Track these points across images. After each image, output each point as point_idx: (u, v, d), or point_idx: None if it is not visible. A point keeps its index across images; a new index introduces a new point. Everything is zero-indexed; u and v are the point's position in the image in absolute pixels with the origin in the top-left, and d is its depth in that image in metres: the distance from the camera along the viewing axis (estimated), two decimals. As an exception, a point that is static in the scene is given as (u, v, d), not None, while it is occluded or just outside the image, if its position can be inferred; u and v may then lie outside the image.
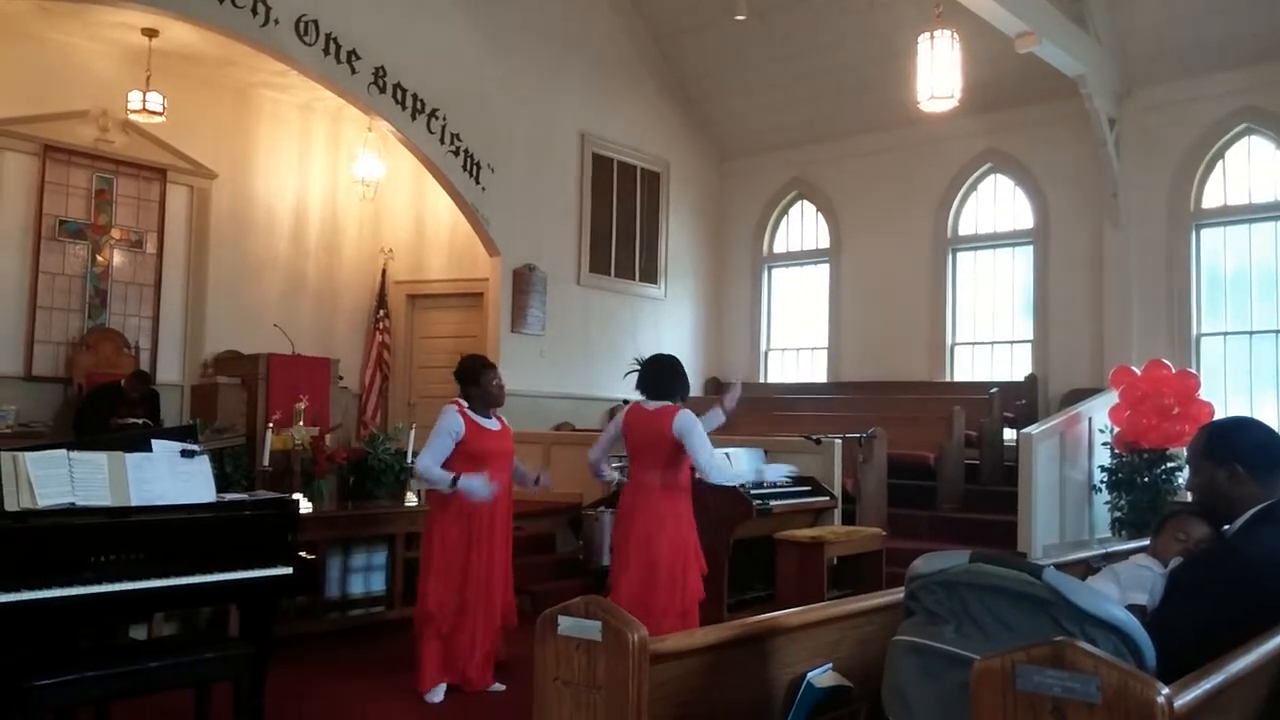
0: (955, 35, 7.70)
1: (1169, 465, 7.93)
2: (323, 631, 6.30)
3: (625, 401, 8.25)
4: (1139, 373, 8.17)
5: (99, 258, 9.65)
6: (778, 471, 5.95)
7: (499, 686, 5.30)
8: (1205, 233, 9.70)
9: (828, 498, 7.60)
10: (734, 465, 7.30)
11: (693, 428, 4.84)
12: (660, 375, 5.08)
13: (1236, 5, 8.90)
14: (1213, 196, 9.66)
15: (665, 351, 5.42)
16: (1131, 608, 2.28)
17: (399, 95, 9.19)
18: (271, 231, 10.89)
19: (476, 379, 5.30)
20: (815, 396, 11.20)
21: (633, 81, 11.65)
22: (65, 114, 9.36)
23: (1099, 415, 8.45)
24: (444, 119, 9.55)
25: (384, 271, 11.41)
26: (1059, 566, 2.09)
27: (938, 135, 10.79)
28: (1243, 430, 2.69)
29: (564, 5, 10.88)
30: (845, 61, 10.86)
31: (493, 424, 5.32)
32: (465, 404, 5.26)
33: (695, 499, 7.18)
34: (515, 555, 5.57)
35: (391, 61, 9.11)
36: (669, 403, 4.98)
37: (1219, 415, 7.91)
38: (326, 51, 8.64)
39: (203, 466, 4.00)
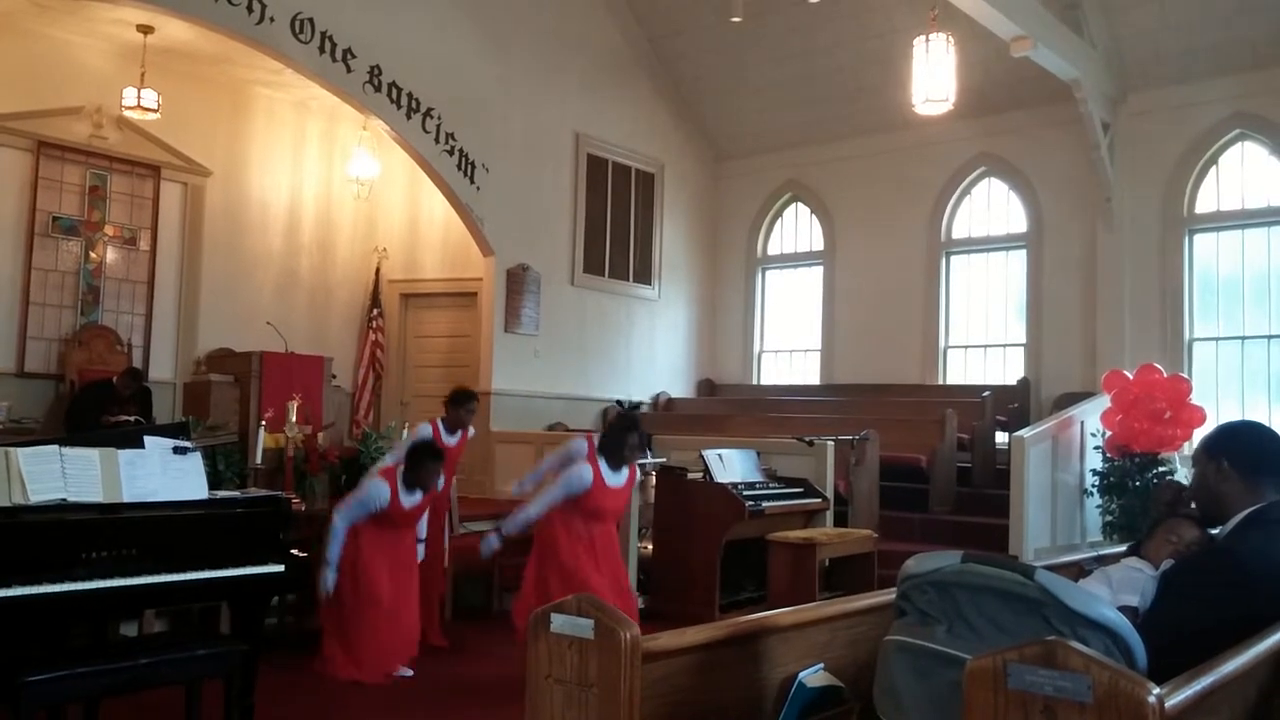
0: (950, 39, 7.73)
1: (1160, 469, 7.95)
2: (314, 629, 6.28)
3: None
4: (1131, 377, 8.20)
5: (92, 254, 9.61)
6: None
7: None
8: (1198, 238, 9.73)
9: (820, 499, 7.63)
10: (728, 466, 7.33)
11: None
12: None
13: (1230, 12, 8.93)
14: (1206, 202, 9.69)
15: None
16: (1123, 609, 2.29)
17: (394, 94, 9.18)
18: (265, 229, 10.86)
19: (419, 464, 5.62)
20: (808, 399, 11.22)
21: (628, 82, 11.66)
22: (59, 110, 9.32)
23: (1091, 419, 8.47)
24: (439, 118, 9.54)
25: (378, 270, 11.39)
26: (1052, 569, 2.10)
27: (932, 138, 10.81)
28: (1243, 431, 2.71)
29: (560, 6, 10.88)
30: (840, 64, 10.88)
31: (411, 497, 5.64)
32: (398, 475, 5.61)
33: (686, 498, 7.25)
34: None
35: (387, 60, 9.10)
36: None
37: (1211, 420, 7.93)
38: (322, 50, 8.63)
39: (195, 464, 3.99)
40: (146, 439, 3.89)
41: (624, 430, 5.46)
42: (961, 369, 11.12)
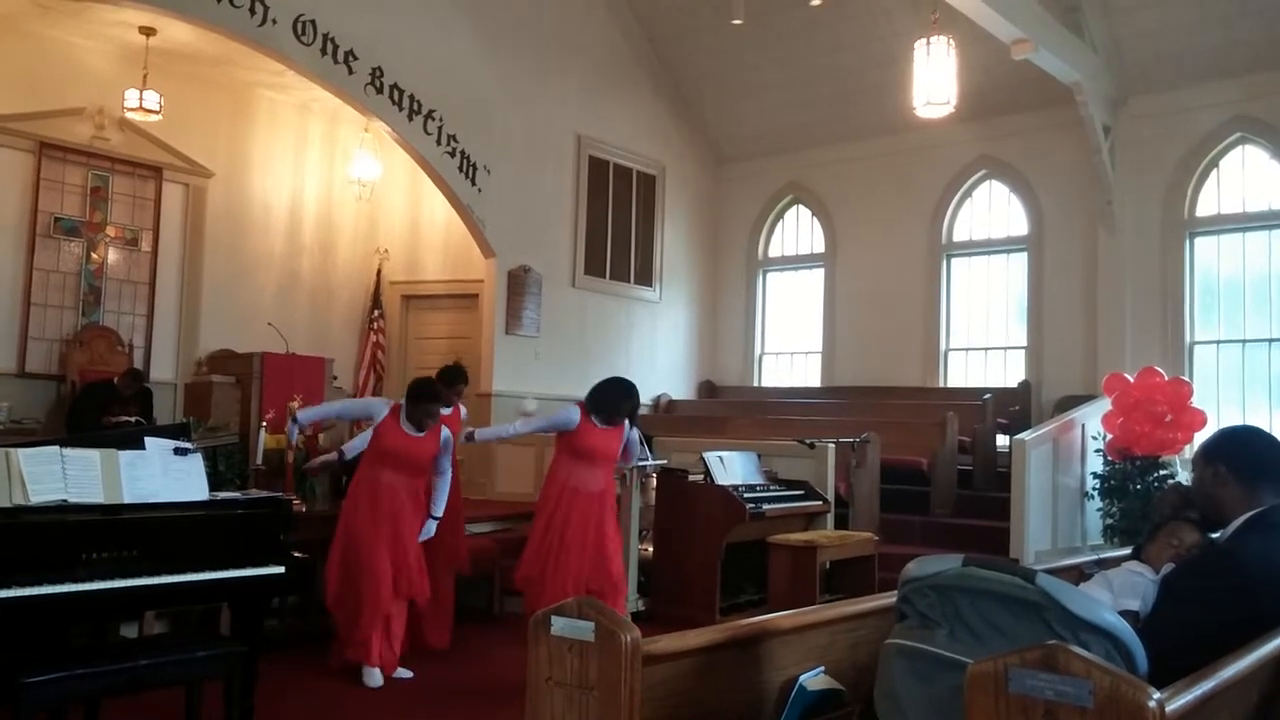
0: (951, 42, 7.73)
1: (1161, 472, 7.95)
2: (314, 631, 6.28)
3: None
4: (1132, 380, 8.19)
5: (94, 255, 9.62)
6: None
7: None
8: (1199, 241, 9.73)
9: (821, 502, 7.62)
10: (729, 469, 7.33)
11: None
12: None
13: (1231, 15, 8.94)
14: (1207, 205, 9.69)
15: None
16: (1124, 613, 2.28)
17: (396, 96, 9.18)
18: (267, 231, 10.87)
19: (415, 401, 5.59)
20: (809, 401, 11.21)
21: (629, 84, 11.66)
22: (62, 111, 9.34)
23: (1092, 422, 8.47)
24: (441, 120, 9.55)
25: (379, 272, 11.40)
26: (1052, 572, 2.10)
27: (933, 141, 10.81)
28: (1243, 436, 2.71)
29: (562, 7, 10.89)
30: (842, 66, 10.88)
31: (416, 432, 5.60)
32: (402, 409, 5.60)
33: (687, 500, 7.25)
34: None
35: (389, 62, 9.11)
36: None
37: (1212, 424, 7.93)
38: (324, 51, 8.64)
39: (196, 465, 3.98)
40: (147, 440, 3.88)
41: (621, 394, 5.57)
42: (962, 371, 11.12)
